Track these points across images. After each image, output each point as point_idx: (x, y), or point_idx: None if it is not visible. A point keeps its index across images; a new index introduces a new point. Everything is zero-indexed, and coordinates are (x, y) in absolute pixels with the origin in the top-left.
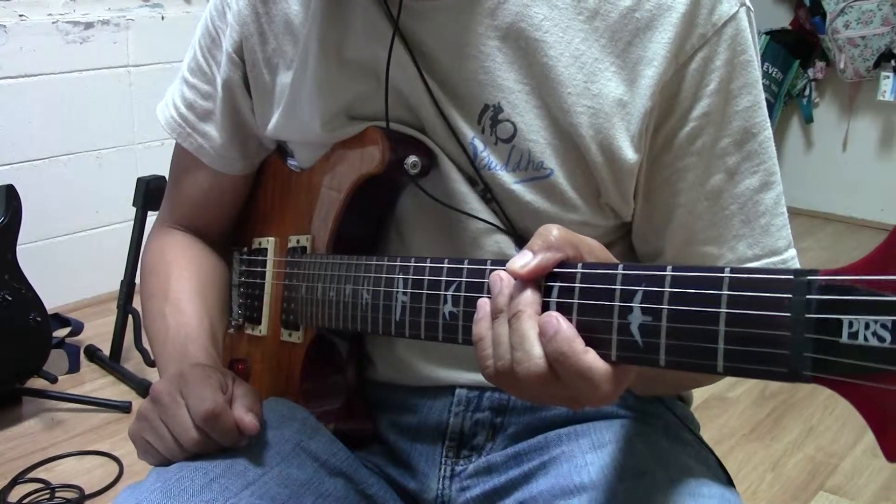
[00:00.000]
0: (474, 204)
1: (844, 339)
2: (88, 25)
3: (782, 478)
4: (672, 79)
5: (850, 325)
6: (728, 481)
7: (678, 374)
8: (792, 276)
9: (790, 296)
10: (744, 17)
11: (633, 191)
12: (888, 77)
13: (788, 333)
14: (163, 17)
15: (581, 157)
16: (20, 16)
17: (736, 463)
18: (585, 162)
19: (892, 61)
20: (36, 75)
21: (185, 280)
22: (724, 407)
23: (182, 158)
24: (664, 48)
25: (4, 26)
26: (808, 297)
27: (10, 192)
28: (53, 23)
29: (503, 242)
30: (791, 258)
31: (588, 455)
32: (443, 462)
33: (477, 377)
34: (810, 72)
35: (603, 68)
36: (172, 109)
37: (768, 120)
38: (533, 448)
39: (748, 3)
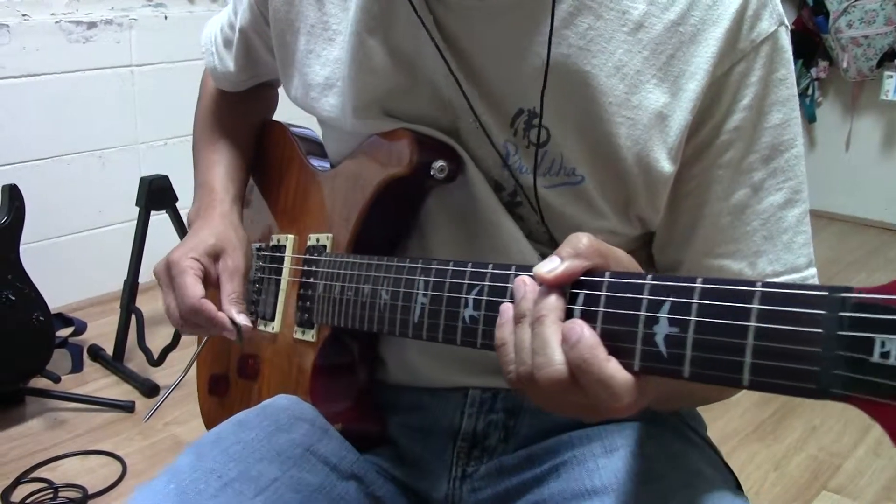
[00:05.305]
0: (499, 213)
1: (875, 357)
2: (91, 25)
3: (785, 478)
4: (708, 90)
5: (883, 344)
6: (736, 483)
7: (697, 390)
8: (826, 293)
9: (824, 312)
10: (783, 36)
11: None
12: (891, 76)
13: (819, 350)
14: (166, 17)
15: (614, 167)
16: (23, 15)
17: (738, 463)
18: (618, 172)
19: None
20: (39, 75)
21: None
22: (726, 407)
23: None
24: (707, 62)
25: (7, 26)
26: (840, 313)
27: (13, 192)
28: (56, 22)
29: (527, 252)
30: (811, 276)
31: (600, 459)
32: (454, 463)
33: (489, 381)
34: (813, 71)
35: (644, 80)
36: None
37: (800, 137)
38: (545, 451)
39: (786, 23)
